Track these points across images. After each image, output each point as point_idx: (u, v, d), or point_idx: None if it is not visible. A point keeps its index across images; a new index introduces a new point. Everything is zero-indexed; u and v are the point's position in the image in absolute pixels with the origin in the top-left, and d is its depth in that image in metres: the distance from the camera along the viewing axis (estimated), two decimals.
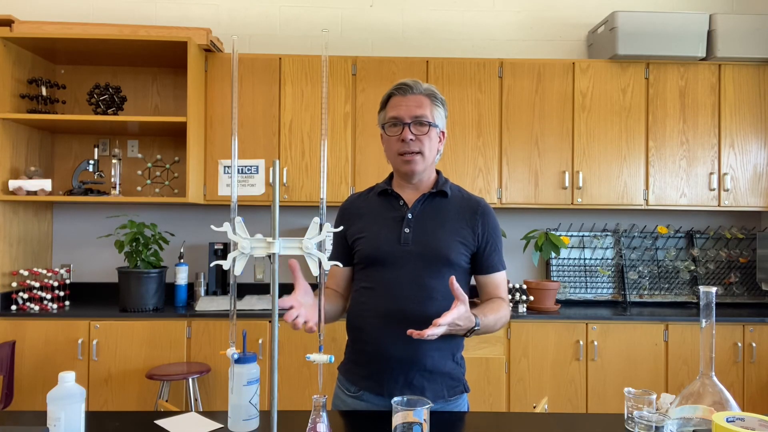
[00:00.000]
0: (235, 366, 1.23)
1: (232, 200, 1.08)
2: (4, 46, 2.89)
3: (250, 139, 3.13)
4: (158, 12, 3.44)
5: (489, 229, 1.53)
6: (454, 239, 1.49)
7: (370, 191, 1.63)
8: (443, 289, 1.43)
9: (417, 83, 1.50)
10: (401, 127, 1.47)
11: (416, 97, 1.49)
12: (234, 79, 1.07)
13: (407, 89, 1.49)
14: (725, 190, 3.22)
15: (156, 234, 2.97)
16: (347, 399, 1.52)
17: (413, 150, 1.47)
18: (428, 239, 1.48)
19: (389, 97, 1.53)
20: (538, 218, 3.53)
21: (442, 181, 1.56)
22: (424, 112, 1.48)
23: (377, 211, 1.55)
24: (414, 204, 1.52)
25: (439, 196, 1.54)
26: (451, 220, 1.51)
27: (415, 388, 1.44)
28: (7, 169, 2.94)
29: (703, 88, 3.22)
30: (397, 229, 1.49)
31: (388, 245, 1.48)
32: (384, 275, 1.47)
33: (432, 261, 1.46)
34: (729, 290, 3.45)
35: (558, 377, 2.94)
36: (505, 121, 3.19)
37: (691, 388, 1.07)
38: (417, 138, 1.47)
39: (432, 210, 1.52)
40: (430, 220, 1.51)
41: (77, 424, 1.12)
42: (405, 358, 1.43)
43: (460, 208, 1.54)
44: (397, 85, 1.51)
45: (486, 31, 3.55)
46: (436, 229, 1.49)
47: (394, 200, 1.55)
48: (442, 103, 1.53)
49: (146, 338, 2.85)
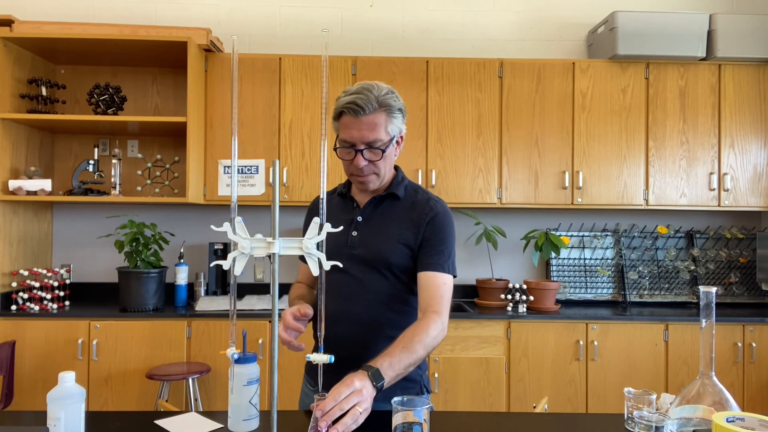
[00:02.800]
0: (235, 366, 1.23)
1: (232, 200, 1.08)
2: (4, 46, 2.89)
3: (250, 139, 3.13)
4: (158, 12, 3.44)
5: (433, 228, 1.46)
6: (397, 242, 1.45)
7: (332, 192, 1.63)
8: (392, 292, 1.46)
9: (369, 99, 1.38)
10: (354, 153, 1.41)
11: (369, 119, 1.38)
12: (234, 79, 1.07)
13: (358, 111, 1.37)
14: (725, 190, 3.22)
15: (156, 234, 2.97)
16: (311, 393, 1.53)
17: (366, 173, 1.45)
18: (372, 242, 1.47)
19: (340, 113, 1.41)
20: (538, 218, 3.53)
21: (397, 182, 1.53)
22: (377, 135, 1.39)
23: (334, 212, 1.51)
24: (364, 206, 1.52)
25: (389, 199, 1.52)
26: (397, 222, 1.48)
27: None
28: (7, 169, 2.94)
29: (703, 88, 3.22)
30: (346, 232, 1.49)
31: (336, 247, 1.43)
32: (333, 277, 1.40)
33: (375, 264, 1.45)
34: (729, 290, 3.45)
35: (558, 377, 2.94)
36: (505, 121, 3.19)
37: (691, 388, 1.07)
38: (371, 162, 1.42)
39: (381, 212, 1.51)
40: (376, 223, 1.49)
41: (77, 424, 1.12)
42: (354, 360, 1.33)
43: (410, 210, 1.49)
44: (348, 104, 1.38)
45: (486, 31, 3.55)
46: (381, 232, 1.47)
47: (349, 202, 1.56)
48: (400, 110, 1.44)
49: (146, 338, 2.85)
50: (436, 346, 1.38)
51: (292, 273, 3.73)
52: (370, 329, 1.45)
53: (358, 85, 1.43)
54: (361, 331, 1.45)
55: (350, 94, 1.41)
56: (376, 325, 1.45)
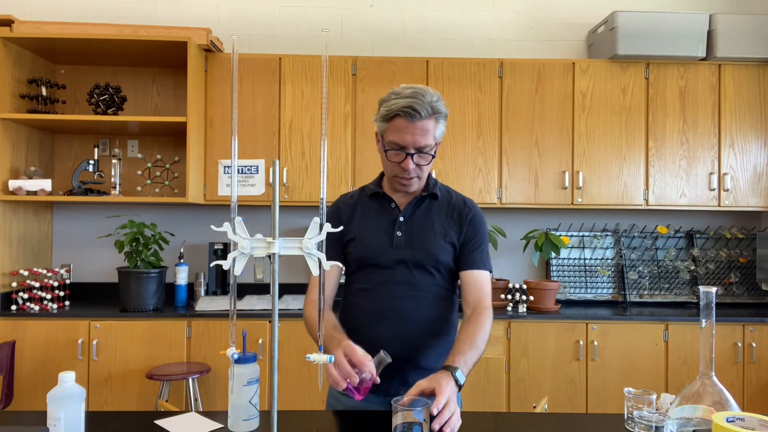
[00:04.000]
0: (235, 366, 1.23)
1: (232, 200, 1.08)
2: (4, 46, 2.89)
3: (250, 139, 3.13)
4: (158, 12, 3.44)
5: (474, 226, 1.55)
6: (443, 241, 1.52)
7: (361, 192, 1.63)
8: (436, 288, 1.52)
9: (423, 104, 1.40)
10: (404, 156, 1.44)
11: (422, 123, 1.41)
12: (234, 79, 1.07)
13: (415, 116, 1.39)
14: (725, 190, 3.22)
15: (156, 234, 2.97)
16: (342, 398, 1.52)
17: (412, 177, 1.48)
18: (419, 242, 1.51)
19: (394, 116, 1.42)
20: (538, 218, 3.53)
21: (432, 183, 1.58)
22: (428, 141, 1.43)
23: (369, 213, 1.57)
24: (406, 207, 1.55)
25: (429, 198, 1.57)
26: (440, 222, 1.54)
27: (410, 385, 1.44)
28: (7, 169, 2.94)
29: (703, 88, 3.22)
30: (390, 233, 1.52)
31: (381, 248, 1.51)
32: (377, 277, 1.51)
33: (423, 262, 1.50)
34: (729, 290, 3.45)
35: (558, 377, 2.94)
36: (505, 121, 3.19)
37: (691, 388, 1.07)
38: (417, 165, 1.47)
39: (422, 212, 1.55)
40: (420, 223, 1.54)
41: (77, 424, 1.12)
42: (401, 357, 1.44)
43: (449, 209, 1.56)
44: (405, 108, 1.39)
45: (486, 31, 3.55)
46: (427, 231, 1.52)
47: (386, 203, 1.57)
48: (445, 116, 1.47)
49: (146, 338, 2.85)
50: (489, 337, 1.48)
51: (292, 273, 3.72)
52: (418, 327, 1.50)
53: (411, 89, 1.43)
54: (410, 329, 1.49)
55: (404, 97, 1.41)
56: (424, 323, 1.50)
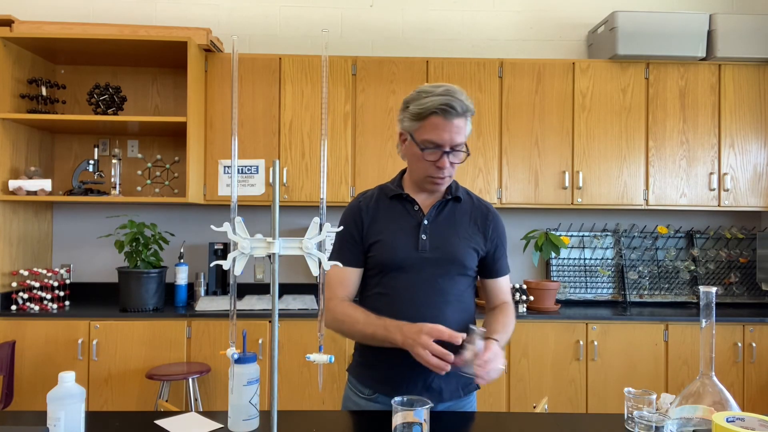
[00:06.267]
0: (235, 366, 1.23)
1: (232, 200, 1.08)
2: (4, 46, 2.89)
3: (250, 139, 3.13)
4: (158, 12, 3.44)
5: (498, 234, 1.57)
6: (468, 245, 1.51)
7: (380, 192, 1.57)
8: (457, 292, 1.49)
9: (461, 102, 1.39)
10: (440, 153, 1.42)
11: (458, 121, 1.40)
12: (234, 79, 1.07)
13: (453, 112, 1.38)
14: (725, 190, 3.22)
15: (156, 234, 2.97)
16: (360, 401, 1.52)
17: (445, 175, 1.46)
18: (444, 246, 1.49)
19: (430, 113, 1.39)
20: (538, 218, 3.53)
21: (455, 186, 1.56)
22: (462, 138, 1.43)
23: (392, 215, 1.52)
24: (430, 210, 1.52)
25: (453, 202, 1.55)
26: (465, 226, 1.53)
27: (433, 390, 1.45)
28: (7, 169, 2.94)
29: (703, 88, 3.22)
30: (414, 236, 1.49)
31: (405, 252, 1.47)
32: (400, 281, 1.47)
33: (448, 267, 1.48)
34: (729, 290, 3.45)
35: (558, 377, 2.94)
36: (505, 121, 3.19)
37: (691, 388, 1.07)
38: (451, 165, 1.45)
39: (446, 216, 1.53)
40: (445, 227, 1.51)
41: (77, 424, 1.12)
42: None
43: (472, 213, 1.56)
44: (442, 105, 1.38)
45: (486, 31, 3.55)
46: (452, 235, 1.50)
47: (409, 205, 1.53)
48: (473, 114, 1.46)
49: (146, 338, 2.85)
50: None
51: (292, 273, 3.72)
52: None
53: (443, 87, 1.41)
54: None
55: (438, 95, 1.39)
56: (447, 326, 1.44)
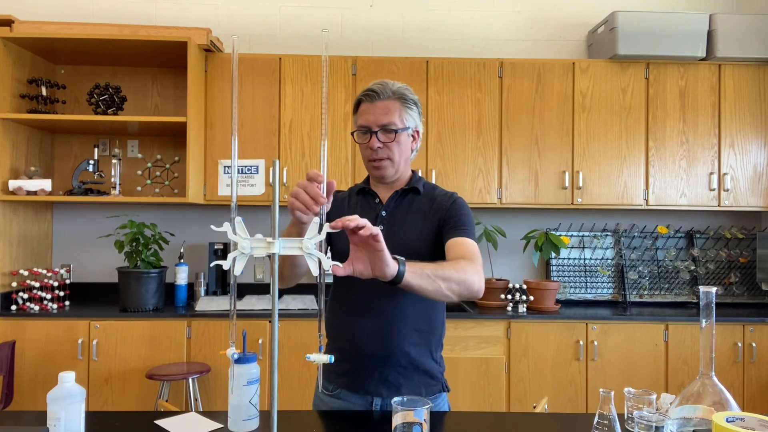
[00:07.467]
0: (235, 366, 1.23)
1: (232, 200, 1.08)
2: (4, 46, 2.89)
3: (250, 139, 3.13)
4: (158, 12, 3.44)
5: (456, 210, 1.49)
6: (424, 233, 1.50)
7: (351, 189, 1.65)
8: None
9: (384, 87, 1.48)
10: (369, 135, 1.48)
11: (384, 103, 1.47)
12: (234, 79, 1.07)
13: (374, 96, 1.48)
14: (725, 190, 3.22)
15: (156, 234, 2.97)
16: (325, 398, 1.52)
17: (381, 157, 1.49)
18: (400, 235, 1.48)
19: (359, 102, 1.52)
20: (538, 218, 3.53)
21: (416, 179, 1.59)
22: (391, 119, 1.47)
23: (355, 209, 1.57)
24: (388, 201, 1.55)
25: (411, 193, 1.56)
26: (422, 215, 1.52)
27: (390, 384, 1.44)
28: (7, 169, 2.94)
29: (703, 88, 3.22)
30: None
31: None
32: None
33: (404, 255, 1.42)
34: (729, 290, 3.45)
35: (558, 377, 2.94)
36: (505, 121, 3.19)
37: (691, 388, 1.07)
38: (385, 145, 1.48)
39: (404, 206, 1.55)
40: (401, 217, 1.53)
41: (77, 424, 1.12)
42: (379, 354, 1.43)
43: (430, 201, 1.54)
44: (365, 91, 1.50)
45: (486, 31, 3.55)
46: (407, 224, 1.51)
47: (371, 198, 1.58)
48: (415, 103, 1.52)
49: (146, 338, 2.85)
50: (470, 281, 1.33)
51: None
52: (397, 324, 1.46)
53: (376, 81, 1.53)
54: (388, 327, 1.45)
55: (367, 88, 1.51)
56: (403, 318, 1.46)
